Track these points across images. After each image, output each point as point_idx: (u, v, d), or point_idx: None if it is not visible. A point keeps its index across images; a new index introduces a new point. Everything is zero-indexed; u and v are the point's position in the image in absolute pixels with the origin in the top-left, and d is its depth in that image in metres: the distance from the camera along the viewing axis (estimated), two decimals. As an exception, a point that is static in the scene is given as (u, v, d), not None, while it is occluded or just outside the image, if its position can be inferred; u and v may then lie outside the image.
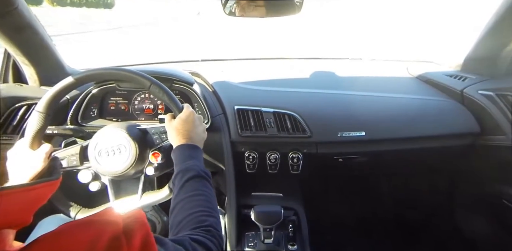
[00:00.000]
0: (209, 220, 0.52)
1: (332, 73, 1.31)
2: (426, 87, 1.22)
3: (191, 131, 0.69)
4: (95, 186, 0.77)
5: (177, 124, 0.69)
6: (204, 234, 0.49)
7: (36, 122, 0.69)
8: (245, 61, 1.63)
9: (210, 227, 0.51)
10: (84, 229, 0.31)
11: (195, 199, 0.56)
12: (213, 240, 0.49)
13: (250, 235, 0.99)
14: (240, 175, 1.02)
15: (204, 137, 0.74)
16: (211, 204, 0.57)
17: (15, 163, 0.66)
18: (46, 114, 0.70)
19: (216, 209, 0.57)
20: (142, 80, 0.73)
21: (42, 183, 0.35)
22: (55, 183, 0.37)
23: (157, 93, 0.73)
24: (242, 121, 1.00)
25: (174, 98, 0.74)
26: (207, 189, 0.60)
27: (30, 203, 0.33)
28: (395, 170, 1.28)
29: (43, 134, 0.71)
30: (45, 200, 0.35)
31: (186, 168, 0.62)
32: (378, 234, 1.42)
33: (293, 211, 1.05)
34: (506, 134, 0.98)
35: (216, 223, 0.53)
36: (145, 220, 0.35)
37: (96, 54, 5.52)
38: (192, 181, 0.59)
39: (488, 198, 1.16)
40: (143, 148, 0.75)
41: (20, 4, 0.81)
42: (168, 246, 0.39)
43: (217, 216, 0.56)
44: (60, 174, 0.40)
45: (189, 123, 0.70)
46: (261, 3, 0.93)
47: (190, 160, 0.63)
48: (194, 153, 0.66)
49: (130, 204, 0.77)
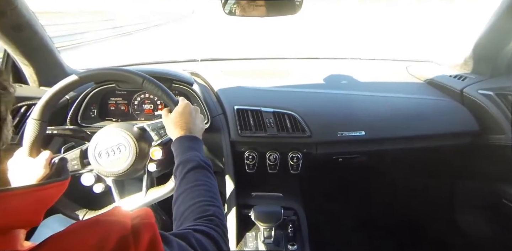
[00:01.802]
0: (212, 210, 0.53)
1: (332, 73, 1.31)
2: (426, 86, 1.22)
3: (189, 122, 0.69)
4: (99, 188, 0.77)
5: (174, 117, 0.69)
6: (207, 223, 0.49)
7: (32, 130, 0.69)
8: (245, 61, 1.63)
9: (213, 216, 0.51)
10: (93, 229, 0.31)
11: (196, 189, 0.56)
12: (216, 229, 0.49)
13: (250, 235, 0.99)
14: (240, 175, 1.02)
15: (202, 127, 0.74)
16: (213, 194, 0.57)
17: (16, 172, 0.66)
18: (41, 121, 0.69)
19: (218, 198, 0.57)
20: (134, 77, 0.72)
21: (52, 183, 0.35)
22: (64, 184, 0.37)
23: (151, 89, 0.73)
24: (242, 121, 1.00)
25: (168, 92, 0.73)
26: (208, 179, 0.60)
27: (40, 203, 0.33)
28: (395, 169, 1.28)
29: (41, 141, 0.70)
30: (54, 200, 0.36)
31: (186, 159, 0.62)
32: (378, 234, 1.42)
33: (293, 211, 1.05)
34: (506, 133, 0.98)
35: (218, 212, 0.54)
36: (153, 221, 0.36)
37: (94, 54, 5.52)
38: (193, 171, 0.60)
39: (488, 197, 1.16)
40: (143, 145, 0.75)
41: (20, 4, 0.81)
42: (173, 244, 0.39)
43: (219, 205, 0.56)
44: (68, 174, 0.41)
45: (186, 115, 0.70)
46: (261, 2, 0.92)
47: (190, 151, 0.63)
48: (193, 144, 0.66)
49: (136, 202, 0.76)
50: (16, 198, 0.30)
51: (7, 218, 0.30)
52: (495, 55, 1.07)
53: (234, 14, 0.95)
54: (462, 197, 1.31)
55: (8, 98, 0.33)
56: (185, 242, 0.41)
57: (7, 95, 0.32)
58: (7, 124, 0.35)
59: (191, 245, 0.42)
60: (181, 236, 0.42)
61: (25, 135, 0.69)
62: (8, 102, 0.33)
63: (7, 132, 0.35)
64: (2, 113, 0.32)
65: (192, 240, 0.43)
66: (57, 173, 0.47)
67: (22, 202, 0.31)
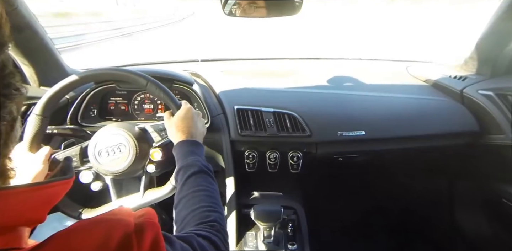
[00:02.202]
0: (213, 215, 0.53)
1: (332, 73, 1.32)
2: (426, 87, 1.23)
3: (190, 126, 0.69)
4: (97, 186, 0.77)
5: (176, 121, 0.70)
6: (209, 229, 0.50)
7: (33, 125, 0.69)
8: (245, 61, 1.63)
9: (214, 222, 0.52)
10: (97, 227, 0.31)
11: (197, 195, 0.56)
12: (218, 234, 0.49)
13: (250, 234, 0.99)
14: (240, 174, 1.03)
15: (204, 131, 0.74)
16: (214, 199, 0.57)
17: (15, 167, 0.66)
18: (43, 116, 0.69)
19: (219, 204, 0.57)
20: (138, 78, 0.73)
21: (57, 181, 0.35)
22: (69, 182, 0.38)
23: (154, 91, 0.73)
24: (242, 121, 1.00)
25: (172, 95, 0.74)
26: (210, 184, 0.60)
27: (45, 201, 0.34)
28: (395, 169, 1.29)
29: (42, 136, 0.70)
30: (59, 198, 0.36)
31: (187, 164, 0.62)
32: (378, 234, 1.42)
33: (293, 210, 1.05)
34: (506, 134, 0.98)
35: (220, 218, 0.54)
36: (156, 220, 0.36)
37: (94, 55, 5.52)
38: (194, 176, 0.60)
39: (488, 197, 1.16)
40: (143, 146, 0.75)
41: (20, 4, 0.81)
42: (176, 245, 0.39)
43: (220, 211, 0.56)
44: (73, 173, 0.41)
45: (188, 119, 0.70)
46: (261, 3, 0.93)
47: (191, 156, 0.63)
48: (195, 149, 0.66)
49: (133, 203, 0.77)
50: (22, 196, 0.31)
51: (12, 216, 0.30)
52: (495, 55, 1.07)
53: (234, 15, 0.95)
54: (462, 197, 1.31)
55: (20, 99, 0.33)
56: (188, 245, 0.42)
57: (19, 96, 0.33)
58: (18, 125, 0.35)
59: (193, 248, 0.42)
60: (184, 239, 0.43)
61: (26, 130, 0.69)
62: (20, 102, 0.34)
63: (17, 132, 0.35)
64: (14, 113, 0.32)
65: (195, 244, 0.43)
66: (62, 172, 0.48)
67: (27, 200, 0.31)
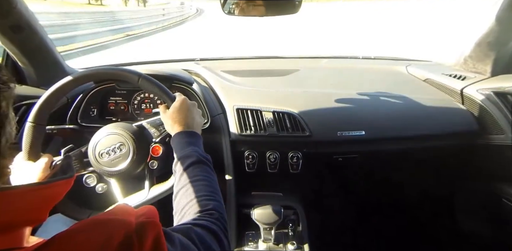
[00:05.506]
0: (212, 204, 0.53)
1: (332, 72, 1.31)
2: (426, 86, 1.22)
3: (187, 117, 0.69)
4: (101, 188, 0.77)
5: (172, 113, 0.69)
6: (208, 217, 0.50)
7: (30, 134, 0.68)
8: (245, 61, 1.63)
9: (213, 210, 0.52)
10: (98, 227, 0.31)
11: (196, 184, 0.56)
12: (217, 222, 0.50)
13: (250, 234, 0.99)
14: (240, 175, 1.02)
15: (201, 122, 0.73)
16: (213, 188, 0.57)
17: (17, 178, 0.66)
18: (38, 124, 0.69)
19: (218, 193, 0.58)
20: (129, 75, 0.72)
21: (57, 181, 0.35)
22: (70, 181, 0.37)
23: (147, 86, 0.73)
24: (241, 121, 1.00)
25: (165, 89, 0.73)
26: (208, 174, 0.60)
27: (45, 201, 0.34)
28: (394, 169, 1.28)
29: (40, 144, 0.70)
30: (60, 198, 0.36)
31: (185, 155, 0.62)
32: (378, 233, 1.42)
33: (293, 211, 1.05)
34: (506, 133, 0.98)
35: (218, 206, 0.54)
36: (157, 220, 0.36)
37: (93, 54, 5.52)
38: (192, 167, 0.60)
39: (488, 197, 1.16)
40: (143, 143, 0.75)
41: (19, 4, 0.81)
42: (176, 242, 0.39)
43: (219, 200, 0.56)
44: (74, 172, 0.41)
45: (184, 110, 0.69)
46: (260, 2, 0.92)
47: (189, 147, 0.63)
48: (192, 139, 0.66)
49: (139, 200, 0.76)
50: (22, 196, 0.31)
51: (13, 216, 0.30)
52: (495, 55, 1.07)
53: (233, 14, 0.95)
54: (462, 197, 1.31)
55: (9, 93, 0.32)
56: (186, 238, 0.42)
57: (7, 90, 0.32)
58: (10, 121, 0.34)
59: (192, 240, 0.42)
60: (182, 231, 0.43)
61: (23, 139, 0.68)
62: (9, 97, 0.33)
63: (10, 129, 0.34)
64: (3, 109, 0.31)
65: (193, 235, 0.43)
66: (63, 171, 0.48)
67: (28, 200, 0.31)
